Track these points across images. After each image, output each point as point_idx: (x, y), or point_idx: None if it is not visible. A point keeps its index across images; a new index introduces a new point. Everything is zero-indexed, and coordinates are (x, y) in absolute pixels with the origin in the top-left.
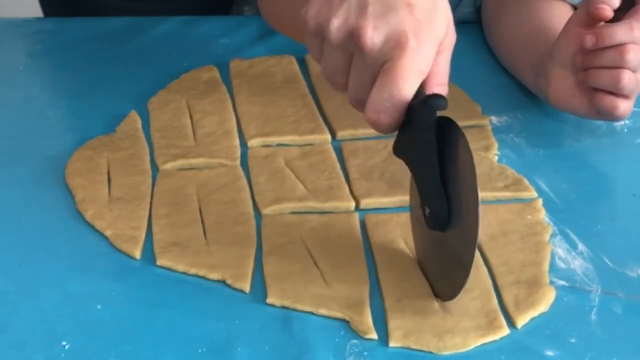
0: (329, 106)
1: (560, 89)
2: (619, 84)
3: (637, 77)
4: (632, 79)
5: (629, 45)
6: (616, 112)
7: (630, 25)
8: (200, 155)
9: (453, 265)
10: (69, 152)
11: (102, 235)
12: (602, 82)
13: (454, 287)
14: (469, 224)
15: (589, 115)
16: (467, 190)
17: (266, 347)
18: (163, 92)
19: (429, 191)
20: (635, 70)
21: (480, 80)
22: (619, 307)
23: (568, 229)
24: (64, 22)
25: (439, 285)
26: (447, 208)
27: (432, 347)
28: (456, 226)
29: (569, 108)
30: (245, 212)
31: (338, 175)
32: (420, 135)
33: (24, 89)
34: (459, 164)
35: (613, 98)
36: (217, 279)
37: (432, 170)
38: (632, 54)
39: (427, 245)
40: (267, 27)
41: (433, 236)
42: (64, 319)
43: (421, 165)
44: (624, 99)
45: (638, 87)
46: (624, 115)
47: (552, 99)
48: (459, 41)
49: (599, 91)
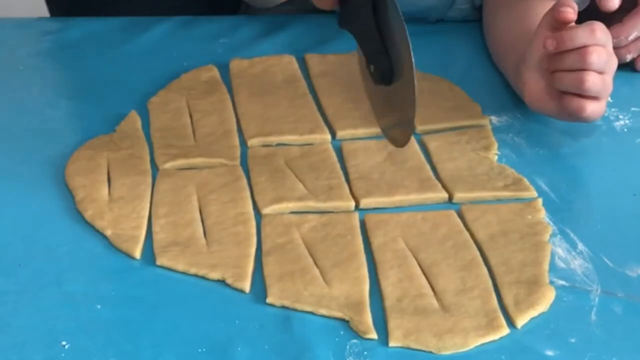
0: (329, 106)
1: (534, 92)
2: (583, 85)
3: (604, 78)
4: (597, 81)
5: (591, 48)
6: (583, 113)
7: (592, 27)
8: (200, 155)
9: (401, 115)
10: (69, 152)
11: (102, 235)
12: (567, 85)
13: (405, 134)
14: (408, 74)
15: (561, 117)
16: (401, 44)
17: (266, 347)
18: (163, 92)
19: (371, 50)
20: (602, 71)
21: (480, 80)
22: (619, 307)
23: (568, 228)
24: (64, 22)
25: (392, 135)
26: (389, 62)
27: (432, 347)
28: (398, 79)
29: (543, 110)
30: (245, 211)
31: (338, 175)
32: (358, 5)
33: (24, 89)
34: (392, 24)
35: (580, 100)
36: (217, 279)
37: (371, 30)
38: (594, 56)
39: (378, 103)
40: (267, 27)
41: (382, 93)
42: (64, 319)
43: (362, 30)
44: (592, 101)
45: (607, 88)
46: (593, 117)
47: (528, 102)
48: (459, 41)
49: (566, 94)
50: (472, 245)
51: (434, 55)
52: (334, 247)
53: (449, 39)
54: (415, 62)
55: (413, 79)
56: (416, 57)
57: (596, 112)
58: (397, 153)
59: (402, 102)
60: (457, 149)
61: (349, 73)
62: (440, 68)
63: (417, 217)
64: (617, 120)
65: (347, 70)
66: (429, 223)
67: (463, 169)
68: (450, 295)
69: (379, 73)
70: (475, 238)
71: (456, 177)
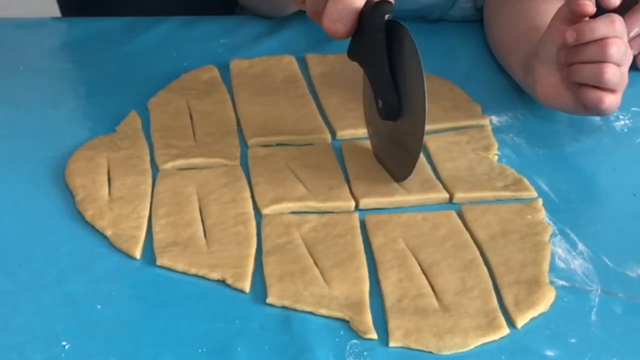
0: (329, 106)
1: (547, 86)
2: (602, 77)
3: (621, 70)
4: (615, 73)
5: (611, 39)
6: (602, 105)
7: (612, 19)
8: (200, 155)
9: (405, 151)
10: (69, 152)
11: (102, 235)
12: (586, 77)
13: (407, 169)
14: (417, 112)
15: (577, 111)
16: (415, 82)
17: (266, 347)
18: (163, 92)
19: (381, 84)
20: (620, 63)
21: (480, 80)
22: (619, 307)
23: (568, 228)
24: (64, 22)
25: (394, 170)
26: (397, 99)
27: (432, 347)
28: (406, 116)
29: (557, 105)
30: (245, 212)
31: (338, 175)
32: (371, 37)
33: (24, 88)
34: (406, 59)
35: (598, 92)
36: (217, 279)
37: (382, 65)
38: (614, 48)
39: (382, 137)
40: (267, 27)
41: (387, 127)
42: (64, 319)
43: (373, 62)
44: (609, 93)
45: (624, 80)
46: (611, 109)
47: (540, 97)
48: (459, 41)
49: (583, 86)
50: (472, 246)
51: (434, 55)
52: (334, 247)
53: (450, 39)
54: None
55: (424, 118)
56: None
57: (613, 105)
58: None
59: (407, 138)
60: (457, 149)
61: (349, 73)
62: (441, 68)
63: (417, 217)
64: (617, 120)
65: (347, 70)
66: (429, 223)
67: (463, 169)
68: (451, 296)
69: (385, 109)
70: (475, 238)
71: (456, 177)
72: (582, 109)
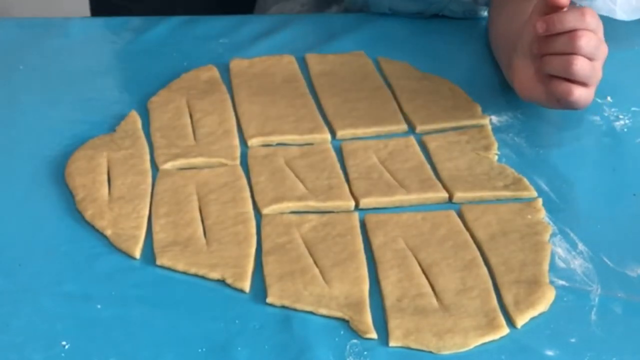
0: (329, 105)
1: (524, 78)
2: (571, 68)
3: (593, 64)
4: (585, 65)
5: (581, 32)
6: (570, 97)
7: (582, 11)
8: (200, 154)
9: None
10: (69, 152)
11: (102, 235)
12: (555, 68)
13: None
14: None
15: (550, 103)
16: None
17: (266, 347)
18: (163, 91)
19: None
20: (591, 57)
21: (480, 80)
22: (619, 307)
23: (568, 228)
24: (64, 21)
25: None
26: None
27: (432, 347)
28: None
29: (532, 98)
30: (245, 211)
31: (338, 174)
32: None
33: (24, 88)
34: None
35: (567, 84)
36: (217, 279)
37: None
38: (584, 40)
39: None
40: (267, 27)
41: None
42: (64, 319)
43: None
44: (579, 86)
45: (596, 74)
46: (581, 102)
47: (518, 89)
48: (460, 41)
49: (554, 78)
50: (472, 245)
51: (434, 55)
52: (334, 247)
53: (450, 38)
54: (416, 62)
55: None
56: (416, 57)
57: (583, 98)
58: (397, 153)
59: None
60: (457, 148)
61: (349, 73)
62: (441, 68)
63: (417, 217)
64: (617, 120)
65: (347, 70)
66: (429, 223)
67: (463, 168)
68: (450, 295)
69: None
70: (475, 238)
71: (456, 177)
72: (554, 102)
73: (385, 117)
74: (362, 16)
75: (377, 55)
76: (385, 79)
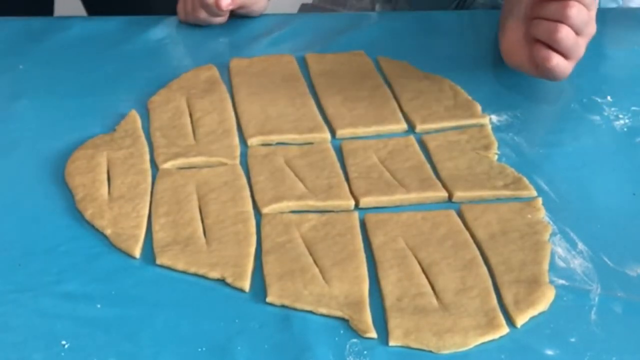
0: (329, 105)
1: (510, 40)
2: (555, 35)
3: (577, 39)
4: (569, 36)
5: (573, 2)
6: (548, 64)
7: None
8: (200, 154)
9: None
10: (69, 151)
11: (101, 234)
12: (540, 33)
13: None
14: None
15: (530, 70)
16: None
17: (266, 346)
18: (163, 91)
19: None
20: (578, 30)
21: (480, 80)
22: (619, 306)
23: (568, 228)
24: (64, 22)
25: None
26: None
27: (432, 346)
28: None
29: (515, 61)
30: (244, 211)
31: (338, 174)
32: None
33: (24, 88)
34: None
35: (549, 51)
36: (217, 278)
37: None
38: (574, 10)
39: None
40: (267, 27)
41: None
42: (64, 318)
43: None
44: (560, 56)
45: (578, 48)
46: (558, 72)
47: (503, 51)
48: (459, 41)
49: (538, 42)
50: (472, 245)
51: (434, 54)
52: (333, 246)
53: (450, 38)
54: (416, 62)
55: None
56: (417, 56)
57: (561, 68)
58: (397, 152)
59: None
60: (457, 148)
61: (349, 72)
62: (441, 67)
63: (417, 216)
64: (617, 120)
65: (347, 70)
66: (428, 222)
67: (463, 168)
68: (450, 295)
69: None
70: (475, 237)
71: (456, 176)
72: (534, 69)
73: (385, 117)
74: (362, 16)
75: (377, 55)
76: (385, 78)
